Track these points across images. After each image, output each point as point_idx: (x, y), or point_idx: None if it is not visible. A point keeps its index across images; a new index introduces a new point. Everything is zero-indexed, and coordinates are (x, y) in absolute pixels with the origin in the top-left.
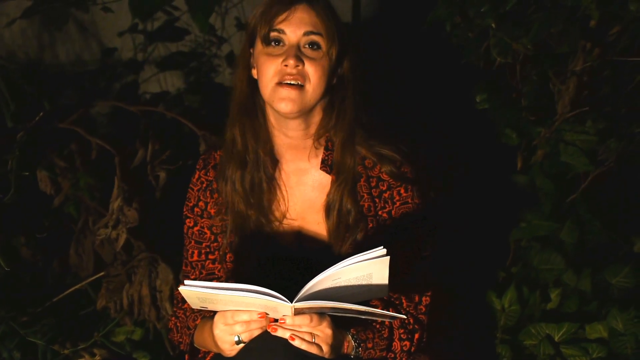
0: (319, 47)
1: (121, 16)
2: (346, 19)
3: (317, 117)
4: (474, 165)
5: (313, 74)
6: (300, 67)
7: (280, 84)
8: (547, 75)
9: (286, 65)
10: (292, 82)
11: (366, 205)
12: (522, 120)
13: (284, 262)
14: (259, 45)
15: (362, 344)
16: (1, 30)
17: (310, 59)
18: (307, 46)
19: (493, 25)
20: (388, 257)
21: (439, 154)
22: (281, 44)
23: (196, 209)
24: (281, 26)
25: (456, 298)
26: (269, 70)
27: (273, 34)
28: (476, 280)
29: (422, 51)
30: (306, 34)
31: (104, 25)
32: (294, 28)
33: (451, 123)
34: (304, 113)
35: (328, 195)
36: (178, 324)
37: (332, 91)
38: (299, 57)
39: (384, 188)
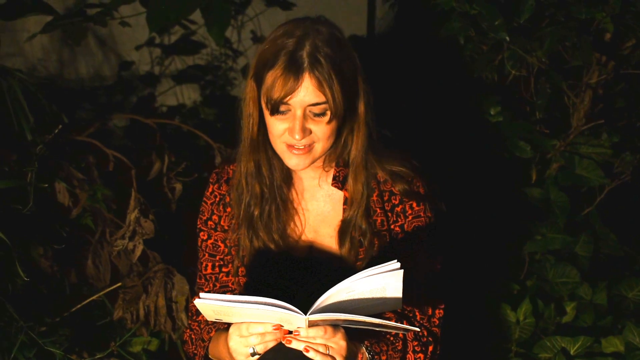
0: (324, 113)
1: (138, 30)
2: (361, 33)
3: None
4: (488, 178)
5: (321, 135)
6: (307, 136)
7: (288, 146)
8: (562, 88)
9: (293, 137)
10: (301, 147)
11: (379, 220)
12: (536, 133)
13: (295, 267)
14: (266, 109)
15: (376, 356)
16: (22, 45)
17: (317, 122)
18: (313, 112)
19: (507, 38)
20: (402, 271)
21: (453, 166)
22: (287, 113)
23: (210, 223)
24: (286, 99)
25: (470, 311)
26: (277, 132)
27: (281, 108)
28: (490, 293)
29: (436, 64)
30: (311, 105)
31: (122, 40)
32: (299, 101)
33: (465, 136)
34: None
35: (342, 220)
36: (193, 336)
37: (342, 124)
38: (305, 128)
39: (396, 202)
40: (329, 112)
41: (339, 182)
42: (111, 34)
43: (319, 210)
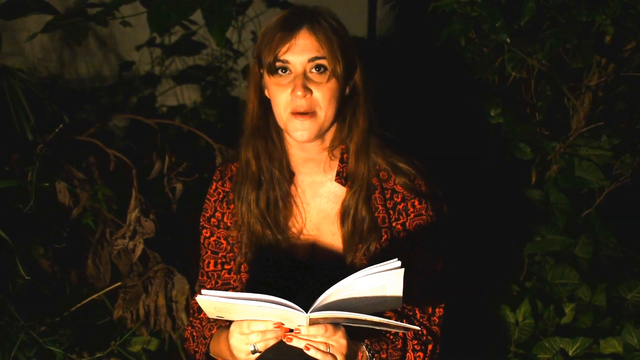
0: (325, 69)
1: (139, 30)
2: (362, 34)
3: (331, 129)
4: (488, 179)
5: (323, 98)
6: (309, 96)
7: (293, 113)
8: (562, 90)
9: (296, 95)
10: (304, 112)
11: (380, 217)
12: (536, 135)
13: (297, 268)
14: (266, 73)
15: (376, 355)
16: (22, 45)
17: (318, 83)
18: (313, 71)
19: (508, 40)
20: (402, 269)
21: (453, 168)
22: (287, 71)
23: (213, 220)
24: (285, 56)
25: (470, 311)
26: (280, 100)
27: (278, 64)
28: (490, 293)
29: (436, 66)
30: (310, 60)
31: (123, 40)
32: (298, 56)
33: (466, 137)
34: (320, 135)
35: (343, 202)
36: (194, 334)
37: (344, 101)
38: (307, 87)
39: (398, 200)
40: (329, 70)
41: (342, 177)
42: (111, 34)
43: (322, 208)
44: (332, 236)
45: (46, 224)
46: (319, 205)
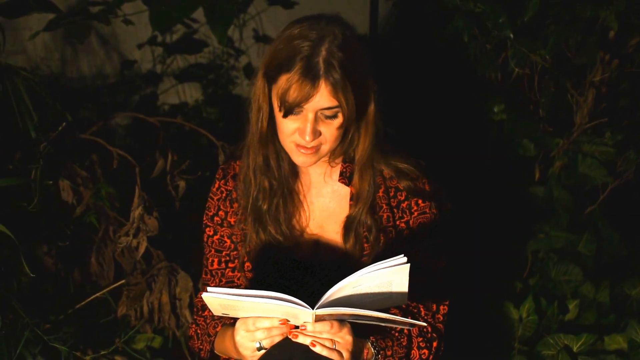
0: (335, 115)
1: (140, 28)
2: (363, 32)
3: None
4: (492, 176)
5: (330, 137)
6: (317, 138)
7: (297, 145)
8: (565, 86)
9: (304, 138)
10: (309, 147)
11: (385, 216)
12: (539, 132)
13: (300, 268)
14: (277, 109)
15: (381, 352)
16: (25, 43)
17: (328, 124)
18: (325, 114)
19: (511, 36)
20: (408, 265)
21: (456, 165)
22: (299, 114)
23: (216, 218)
24: (300, 104)
25: (473, 308)
26: (287, 132)
27: (294, 110)
28: (494, 290)
29: (439, 63)
30: (324, 108)
31: (124, 38)
32: (313, 105)
33: (469, 134)
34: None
35: (347, 218)
36: (199, 331)
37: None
38: (316, 131)
39: (402, 198)
40: (340, 115)
41: (346, 177)
42: (113, 32)
43: (325, 207)
44: (335, 234)
45: (50, 222)
46: (322, 204)
